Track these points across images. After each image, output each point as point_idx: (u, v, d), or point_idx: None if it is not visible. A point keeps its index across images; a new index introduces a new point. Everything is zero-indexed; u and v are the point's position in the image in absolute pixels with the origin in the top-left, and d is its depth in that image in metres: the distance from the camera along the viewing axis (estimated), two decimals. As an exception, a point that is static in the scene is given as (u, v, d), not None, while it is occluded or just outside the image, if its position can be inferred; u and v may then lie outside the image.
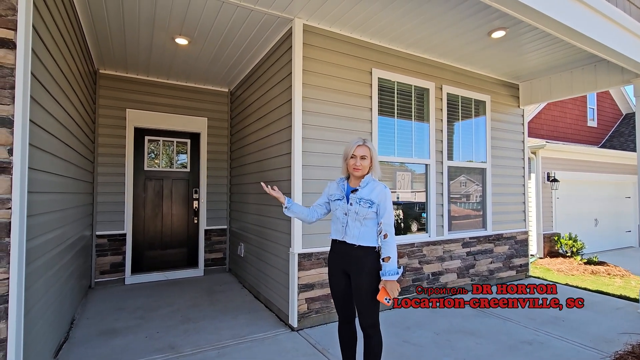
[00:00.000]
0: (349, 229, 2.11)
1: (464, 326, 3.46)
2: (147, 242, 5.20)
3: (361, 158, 2.11)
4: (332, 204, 2.23)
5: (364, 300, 2.06)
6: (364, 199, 2.09)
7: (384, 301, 2.01)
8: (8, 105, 1.77)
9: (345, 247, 2.12)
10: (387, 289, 2.00)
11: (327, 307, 3.47)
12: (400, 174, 4.18)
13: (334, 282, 2.20)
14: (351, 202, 2.12)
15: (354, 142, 2.17)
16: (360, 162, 2.11)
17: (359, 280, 2.07)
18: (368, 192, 2.11)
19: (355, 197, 2.12)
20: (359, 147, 2.13)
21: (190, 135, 5.53)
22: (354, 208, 2.09)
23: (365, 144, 2.15)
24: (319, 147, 3.49)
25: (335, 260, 2.20)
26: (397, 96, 4.10)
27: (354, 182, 2.20)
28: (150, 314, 3.73)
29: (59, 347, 2.88)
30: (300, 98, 3.36)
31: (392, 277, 2.00)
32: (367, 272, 2.06)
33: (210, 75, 5.06)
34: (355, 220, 2.09)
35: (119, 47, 4.08)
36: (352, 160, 2.12)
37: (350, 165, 2.13)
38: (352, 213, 2.10)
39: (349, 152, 2.15)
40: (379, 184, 2.16)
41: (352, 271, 2.10)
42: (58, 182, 2.69)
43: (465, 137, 4.72)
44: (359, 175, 2.14)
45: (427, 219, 4.28)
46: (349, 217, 2.11)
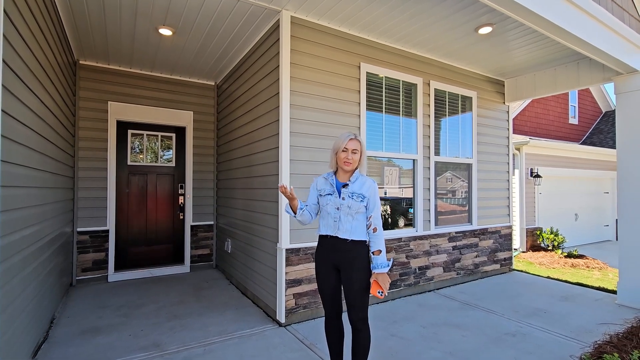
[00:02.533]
0: (342, 224, 2.10)
1: (450, 319, 3.51)
2: (131, 239, 5.08)
3: (352, 152, 2.11)
4: (322, 199, 2.19)
5: (356, 294, 2.06)
6: (356, 193, 2.10)
7: (377, 294, 2.03)
8: (-22, 94, 1.68)
9: (337, 242, 2.11)
10: (380, 281, 2.04)
11: (314, 303, 3.46)
12: (388, 169, 4.18)
13: (324, 277, 2.18)
14: (343, 197, 2.11)
15: (345, 135, 2.15)
16: (352, 156, 2.10)
17: (351, 275, 2.07)
18: (359, 186, 2.13)
19: (347, 191, 2.12)
20: (351, 141, 2.12)
21: (176, 129, 5.41)
22: (347, 202, 2.09)
23: (357, 138, 2.15)
24: (307, 141, 3.46)
25: (325, 255, 2.17)
26: (385, 91, 4.10)
27: (342, 177, 2.19)
28: (135, 311, 3.65)
29: (38, 347, 2.79)
30: (288, 92, 3.31)
31: (383, 270, 2.05)
32: (359, 266, 2.08)
33: (196, 68, 4.95)
34: (347, 214, 2.09)
35: (99, 37, 3.94)
36: (344, 153, 2.11)
37: (342, 158, 2.12)
38: (345, 207, 2.09)
39: (340, 145, 2.12)
40: (368, 179, 2.18)
41: (344, 266, 2.10)
42: (35, 176, 2.58)
43: (452, 133, 4.76)
44: (349, 169, 2.13)
45: (415, 213, 4.31)
46: (341, 211, 2.10)
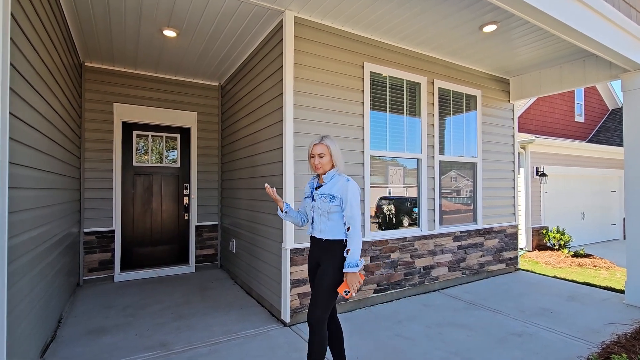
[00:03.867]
0: (316, 224, 2.21)
1: (455, 319, 3.50)
2: (136, 239, 5.12)
3: (319, 156, 2.17)
4: (304, 202, 2.34)
5: (321, 291, 2.08)
6: (325, 193, 2.15)
7: (343, 294, 2.03)
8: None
9: (316, 241, 2.21)
10: (347, 281, 2.04)
11: (319, 302, 3.46)
12: (392, 168, 4.17)
13: (311, 276, 2.28)
14: (314, 198, 2.21)
15: (311, 142, 2.24)
16: (319, 160, 2.17)
17: (324, 272, 2.11)
18: (330, 186, 2.17)
19: (317, 193, 2.20)
20: (316, 146, 2.19)
21: (180, 130, 5.44)
22: (317, 204, 2.18)
23: (322, 141, 2.18)
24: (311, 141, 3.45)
25: (311, 254, 2.27)
26: (389, 90, 4.09)
27: (321, 179, 2.28)
28: (141, 311, 3.67)
29: (46, 347, 2.82)
30: (291, 92, 3.32)
31: (351, 269, 2.03)
32: (329, 266, 2.10)
33: (200, 69, 4.97)
34: (320, 215, 2.16)
35: (104, 38, 3.97)
36: (312, 159, 2.21)
37: (311, 164, 2.22)
38: (316, 208, 2.18)
39: (309, 152, 2.24)
40: (342, 178, 2.18)
41: (320, 264, 2.16)
42: (42, 178, 2.61)
43: (456, 132, 4.74)
44: (320, 172, 2.22)
45: (419, 213, 4.29)
46: (314, 212, 2.21)
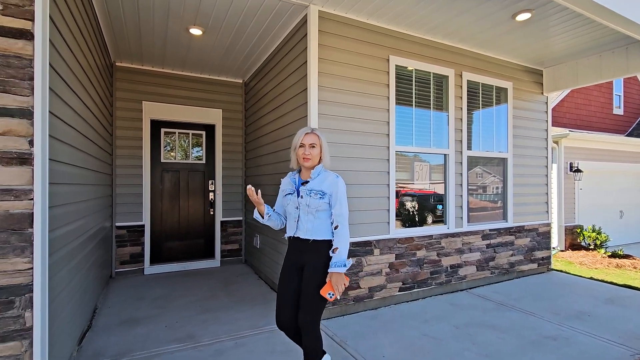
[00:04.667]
0: (302, 224, 2.02)
1: (484, 320, 3.38)
2: (165, 233, 5.27)
3: (310, 146, 2.03)
4: (284, 199, 2.11)
5: (310, 295, 1.96)
6: (315, 190, 2.01)
7: (326, 296, 1.92)
8: (28, 96, 1.77)
9: (299, 242, 2.03)
10: (332, 282, 1.93)
11: (343, 300, 3.44)
12: (418, 164, 4.07)
13: (288, 279, 2.06)
14: (302, 195, 2.03)
15: (302, 130, 2.08)
16: (310, 151, 2.02)
17: (312, 275, 1.98)
18: (319, 182, 2.04)
19: (305, 189, 2.03)
20: (308, 135, 2.04)
21: (205, 127, 5.54)
22: (305, 200, 2.01)
23: (314, 132, 2.07)
24: (335, 137, 3.43)
25: (291, 257, 2.10)
26: (415, 84, 3.98)
27: (305, 174, 2.11)
28: (170, 304, 3.78)
29: (83, 335, 2.95)
30: (315, 87, 3.29)
31: (338, 269, 1.93)
32: (318, 267, 1.99)
33: (225, 66, 5.03)
34: (307, 213, 2.00)
35: (134, 38, 4.08)
36: (301, 149, 2.03)
37: (300, 155, 2.04)
38: (304, 206, 2.01)
39: (298, 141, 2.05)
40: (331, 174, 2.09)
41: (306, 266, 2.02)
42: (78, 174, 2.72)
43: (485, 126, 4.56)
44: (309, 165, 2.04)
45: (446, 210, 4.17)
46: (300, 210, 2.02)
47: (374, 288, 3.61)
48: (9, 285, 1.72)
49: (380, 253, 3.64)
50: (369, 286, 3.58)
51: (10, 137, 1.74)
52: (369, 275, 3.58)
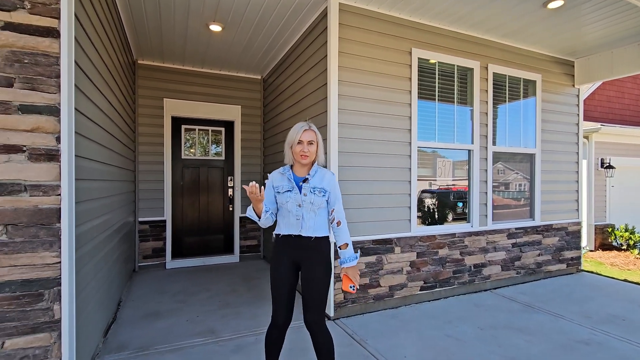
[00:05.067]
0: (305, 222, 1.97)
1: (510, 322, 3.26)
2: (185, 229, 5.36)
3: (308, 143, 1.98)
4: (281, 196, 2.01)
5: (317, 293, 1.94)
6: (318, 187, 1.99)
7: (349, 289, 1.96)
8: (54, 93, 1.80)
9: (301, 240, 1.98)
10: (350, 275, 1.98)
11: (363, 298, 3.39)
12: (440, 160, 3.95)
13: (283, 276, 1.99)
14: (305, 193, 1.97)
15: (299, 126, 2.00)
16: (308, 148, 1.97)
17: (315, 272, 1.95)
18: (319, 180, 2.01)
19: (308, 186, 1.98)
20: (306, 132, 1.98)
21: (225, 124, 5.57)
22: (309, 198, 1.96)
23: (311, 128, 2.02)
24: (356, 132, 3.36)
25: (285, 253, 2.01)
26: (439, 77, 3.85)
27: (300, 171, 2.04)
28: (191, 298, 3.84)
29: (108, 327, 3.03)
30: (336, 81, 3.23)
31: (352, 263, 1.99)
32: (324, 264, 1.98)
33: (243, 63, 5.03)
34: (310, 211, 1.97)
35: (155, 36, 4.13)
36: (299, 146, 1.97)
37: (297, 152, 1.98)
38: (308, 204, 1.96)
39: (295, 137, 1.98)
40: (327, 171, 2.08)
41: (306, 264, 1.98)
42: (102, 170, 2.77)
43: (512, 121, 4.38)
44: (306, 162, 1.99)
45: (470, 208, 4.04)
46: (303, 208, 1.97)
47: (394, 287, 3.54)
48: (39, 279, 1.77)
49: (401, 251, 3.56)
50: (390, 285, 3.51)
51: (39, 134, 1.77)
52: (390, 274, 3.51)
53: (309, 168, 2.05)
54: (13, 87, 1.73)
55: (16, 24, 1.74)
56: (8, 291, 1.72)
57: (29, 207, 1.75)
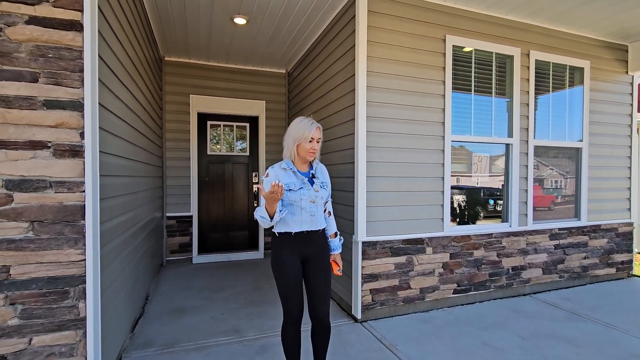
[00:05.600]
0: (317, 217, 2.01)
1: (555, 331, 2.99)
2: (211, 224, 5.38)
3: (317, 141, 2.00)
4: (294, 193, 1.94)
5: (327, 285, 2.04)
6: (324, 182, 2.09)
7: (338, 273, 2.18)
8: (78, 88, 1.76)
9: (311, 235, 2.00)
10: (338, 261, 2.18)
11: (392, 300, 3.23)
12: (476, 155, 3.70)
13: (296, 272, 1.97)
14: (317, 189, 2.02)
15: (307, 123, 1.97)
16: (317, 146, 2.00)
17: (322, 264, 2.04)
18: (321, 174, 2.11)
19: (319, 182, 2.05)
20: (318, 130, 1.99)
21: (249, 119, 5.53)
22: (321, 194, 2.03)
23: (318, 124, 2.04)
24: (386, 126, 3.18)
25: (296, 251, 1.98)
26: (475, 66, 3.58)
27: (302, 167, 2.05)
28: (215, 294, 3.82)
29: (135, 322, 3.05)
30: (364, 72, 3.06)
31: (340, 250, 2.19)
32: (326, 254, 2.09)
33: (268, 57, 4.94)
34: (318, 206, 2.02)
35: (181, 31, 4.11)
36: (310, 144, 1.97)
37: (307, 149, 1.97)
38: (319, 199, 2.02)
39: (307, 135, 1.94)
40: (321, 164, 2.16)
41: (314, 257, 2.02)
42: (129, 166, 2.76)
43: (556, 112, 4.03)
44: (312, 159, 2.05)
45: (508, 206, 3.76)
46: (316, 204, 2.00)
47: (425, 289, 3.35)
48: (64, 276, 1.75)
49: (433, 252, 3.36)
50: (420, 287, 3.33)
51: (63, 130, 1.74)
52: (420, 275, 3.33)
53: (308, 164, 2.09)
54: (38, 82, 1.71)
55: (40, 18, 1.71)
56: (35, 288, 1.71)
57: (54, 203, 1.73)
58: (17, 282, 1.68)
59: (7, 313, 1.67)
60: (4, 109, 1.66)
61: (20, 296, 1.68)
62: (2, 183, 1.65)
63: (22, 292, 1.68)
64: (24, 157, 1.68)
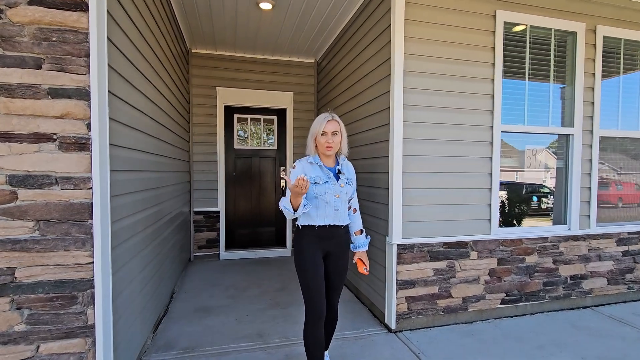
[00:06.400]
0: (341, 212, 2.02)
1: (627, 354, 2.54)
2: (238, 220, 5.27)
3: (332, 134, 1.98)
4: (320, 187, 1.97)
5: (343, 278, 2.11)
6: (350, 178, 2.09)
7: (364, 272, 2.16)
8: (84, 75, 1.61)
9: (333, 230, 2.02)
10: (364, 259, 2.17)
11: (431, 309, 2.91)
12: (529, 148, 3.25)
13: (317, 268, 1.97)
14: (342, 184, 2.03)
15: (322, 118, 2.00)
16: (333, 139, 1.97)
17: (342, 259, 2.08)
18: (347, 170, 2.12)
19: (344, 177, 2.06)
20: (330, 123, 1.97)
21: (277, 112, 5.33)
22: (345, 189, 2.03)
23: (334, 118, 2.01)
24: (424, 115, 2.84)
25: (318, 245, 2.00)
26: (530, 46, 3.13)
27: (327, 162, 2.05)
28: (241, 294, 3.68)
29: (159, 321, 2.96)
30: (401, 55, 2.73)
31: (366, 248, 2.18)
32: (347, 250, 2.11)
33: (295, 45, 4.70)
34: (342, 202, 2.03)
35: (206, 21, 3.96)
36: (324, 137, 1.97)
37: (322, 143, 1.98)
38: (344, 194, 2.03)
39: (319, 129, 1.98)
40: (347, 161, 2.17)
41: (336, 252, 2.05)
42: (150, 160, 2.64)
43: (627, 98, 3.46)
44: (331, 153, 2.01)
45: (567, 206, 3.28)
46: (340, 199, 2.01)
47: (469, 298, 2.99)
48: (72, 280, 1.61)
49: (478, 257, 2.99)
50: (463, 296, 2.97)
51: (68, 120, 1.59)
52: (464, 283, 2.97)
53: (334, 159, 2.08)
54: (42, 69, 1.56)
55: (44, -2, 1.56)
56: (42, 292, 1.59)
57: (60, 201, 1.59)
58: (23, 286, 1.56)
59: (14, 318, 1.56)
60: (7, 99, 1.53)
61: (27, 300, 1.57)
62: (5, 179, 1.53)
63: (29, 296, 1.57)
64: (29, 151, 1.55)
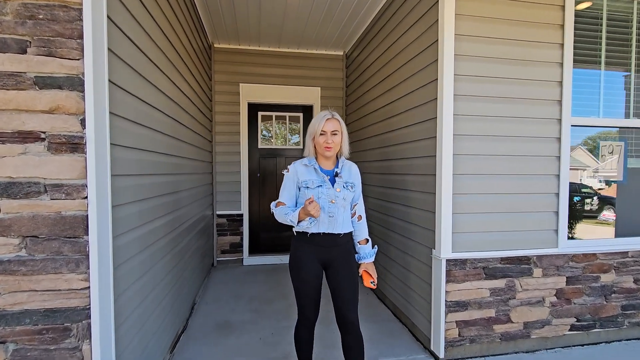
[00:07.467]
0: (337, 219, 1.86)
1: None
2: (261, 224, 5.00)
3: (332, 134, 1.85)
4: (312, 192, 1.85)
5: (354, 291, 1.89)
6: (349, 182, 1.92)
7: (370, 285, 1.94)
8: (77, 60, 1.32)
9: (332, 238, 1.88)
10: (370, 271, 1.98)
11: (486, 336, 2.47)
12: (605, 145, 2.73)
13: (313, 275, 1.87)
14: (338, 188, 1.87)
15: (321, 115, 1.87)
16: (332, 139, 1.85)
17: (347, 269, 1.90)
18: (348, 173, 1.95)
19: (342, 181, 1.89)
20: (329, 122, 1.85)
21: (303, 109, 5.00)
22: (342, 194, 1.87)
23: (335, 117, 1.88)
24: (477, 107, 2.40)
25: (313, 252, 1.88)
26: (606, 24, 2.61)
27: (325, 164, 1.92)
28: (265, 306, 3.38)
29: (177, 338, 2.69)
30: (451, 36, 2.30)
31: (372, 259, 2.00)
32: (352, 259, 1.95)
33: (323, 37, 4.35)
34: (341, 207, 1.87)
35: (228, 12, 3.69)
36: (322, 137, 1.85)
37: (321, 143, 1.85)
38: (341, 200, 1.87)
39: (317, 128, 1.86)
40: (352, 163, 2.02)
41: (337, 262, 1.89)
42: (168, 163, 2.37)
43: None
44: (331, 154, 1.87)
45: (651, 214, 2.74)
46: (337, 204, 1.85)
47: (532, 323, 2.52)
48: (64, 309, 1.34)
49: (542, 274, 2.52)
50: (525, 320, 2.51)
51: (59, 116, 1.32)
52: (525, 305, 2.51)
53: (334, 161, 1.94)
54: (27, 53, 1.29)
55: (30, -32, 1.29)
56: (29, 323, 1.32)
57: (50, 213, 1.32)
58: (8, 315, 1.30)
59: (-3, 354, 1.30)
60: (-14, 90, 1.27)
61: (12, 333, 1.31)
62: (-15, 187, 1.27)
63: (14, 328, 1.31)
64: (12, 153, 1.29)
